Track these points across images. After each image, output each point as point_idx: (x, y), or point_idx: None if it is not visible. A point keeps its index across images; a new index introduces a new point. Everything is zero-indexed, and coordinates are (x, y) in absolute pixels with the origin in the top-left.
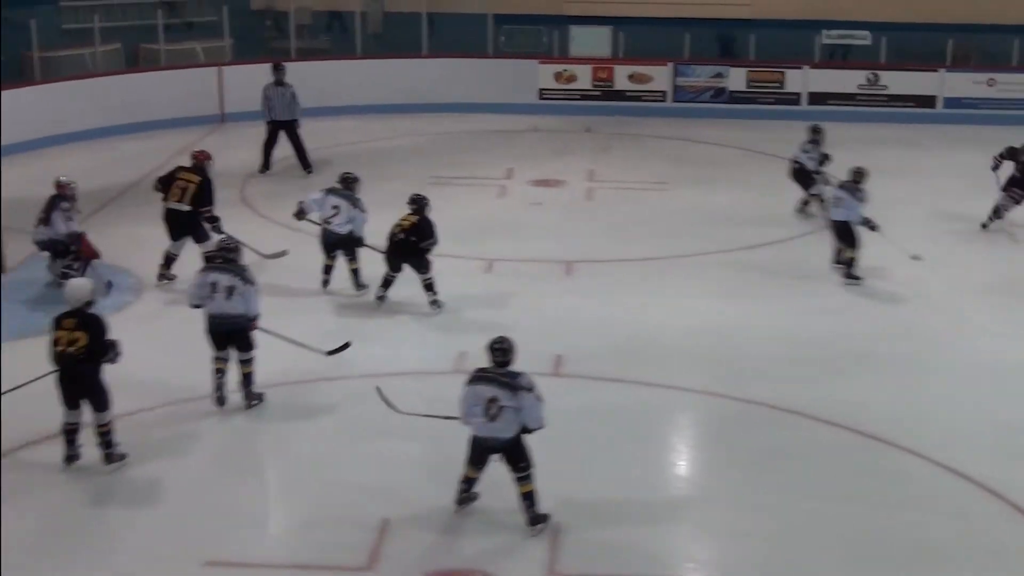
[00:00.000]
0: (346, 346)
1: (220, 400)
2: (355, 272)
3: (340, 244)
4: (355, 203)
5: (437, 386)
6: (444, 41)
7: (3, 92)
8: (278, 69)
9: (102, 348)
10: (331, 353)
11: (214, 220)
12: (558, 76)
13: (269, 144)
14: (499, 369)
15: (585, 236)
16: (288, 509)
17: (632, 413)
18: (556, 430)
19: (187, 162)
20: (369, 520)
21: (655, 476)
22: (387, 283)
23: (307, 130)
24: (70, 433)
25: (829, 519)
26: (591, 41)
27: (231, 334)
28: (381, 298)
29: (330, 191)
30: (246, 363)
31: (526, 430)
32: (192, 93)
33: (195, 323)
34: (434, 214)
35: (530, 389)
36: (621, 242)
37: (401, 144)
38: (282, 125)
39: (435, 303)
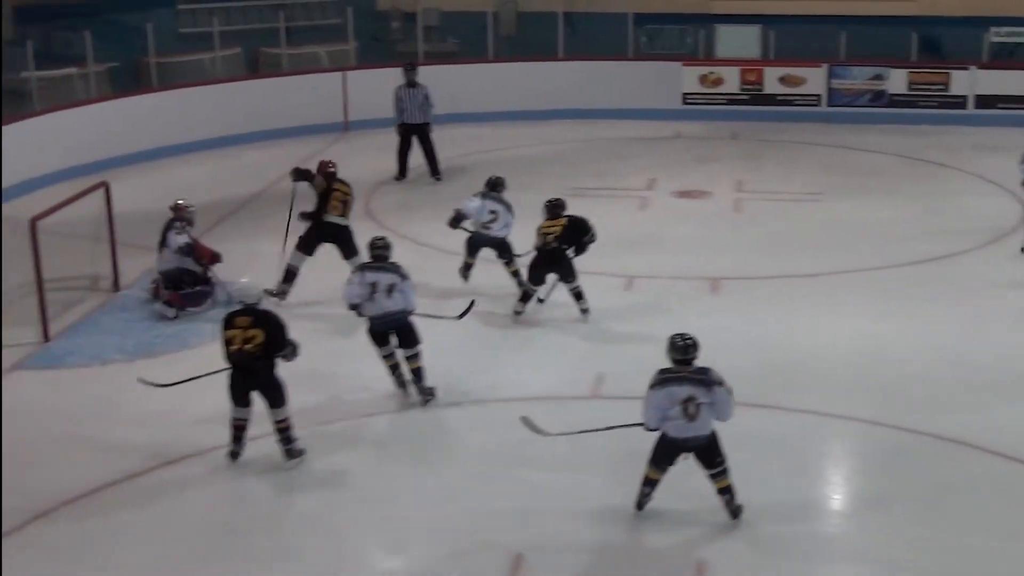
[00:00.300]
0: (472, 305)
1: (401, 384)
2: (516, 274)
3: (492, 246)
4: (509, 208)
5: (573, 412)
6: (581, 42)
7: (119, 100)
8: (410, 69)
9: (280, 344)
10: (461, 316)
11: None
12: (703, 79)
13: (403, 149)
14: (687, 367)
15: (732, 251)
16: (429, 537)
17: (783, 442)
18: None
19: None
20: (508, 549)
21: (807, 508)
22: (527, 297)
23: (435, 137)
24: (238, 429)
25: (996, 557)
26: (739, 41)
27: (397, 331)
28: (519, 312)
29: (485, 196)
30: (413, 358)
31: None
32: (315, 99)
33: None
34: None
35: (721, 383)
36: (771, 257)
37: (536, 153)
38: (414, 129)
39: (585, 311)
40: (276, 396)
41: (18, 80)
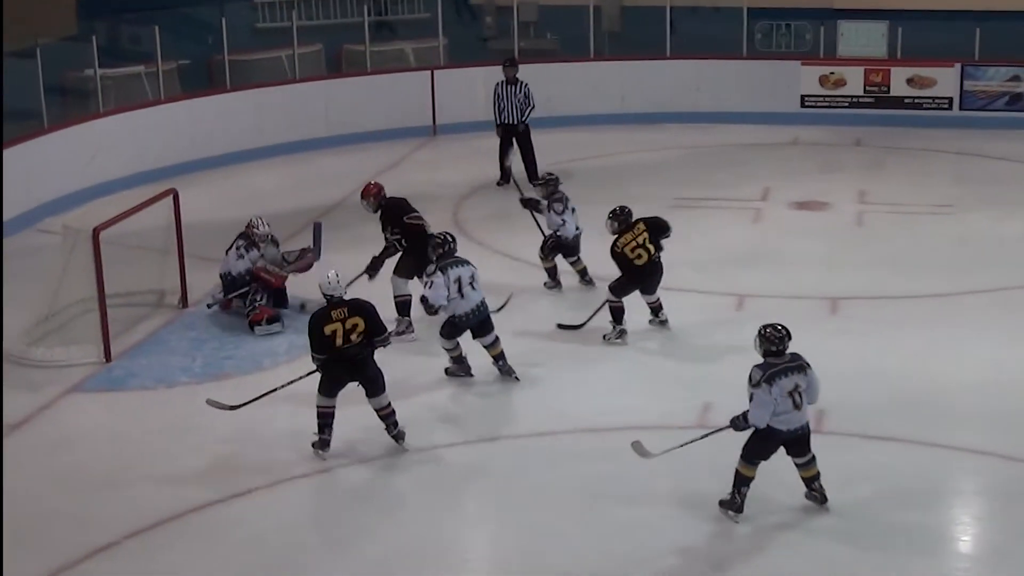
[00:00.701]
0: (509, 299)
1: (468, 372)
2: (584, 272)
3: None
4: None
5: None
6: (690, 40)
7: (189, 100)
8: (509, 65)
9: (379, 328)
10: (498, 310)
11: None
12: (824, 80)
13: (504, 151)
14: (784, 356)
15: (854, 268)
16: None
17: (911, 478)
18: None
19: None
20: None
21: (935, 550)
22: (620, 315)
23: (533, 140)
24: (329, 417)
25: None
26: (863, 38)
27: (485, 321)
28: (623, 333)
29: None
30: (495, 343)
31: None
32: (400, 101)
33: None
34: (678, 242)
35: (809, 365)
36: (897, 275)
37: (640, 159)
38: (514, 129)
39: (664, 322)
40: (379, 384)
41: (81, 78)
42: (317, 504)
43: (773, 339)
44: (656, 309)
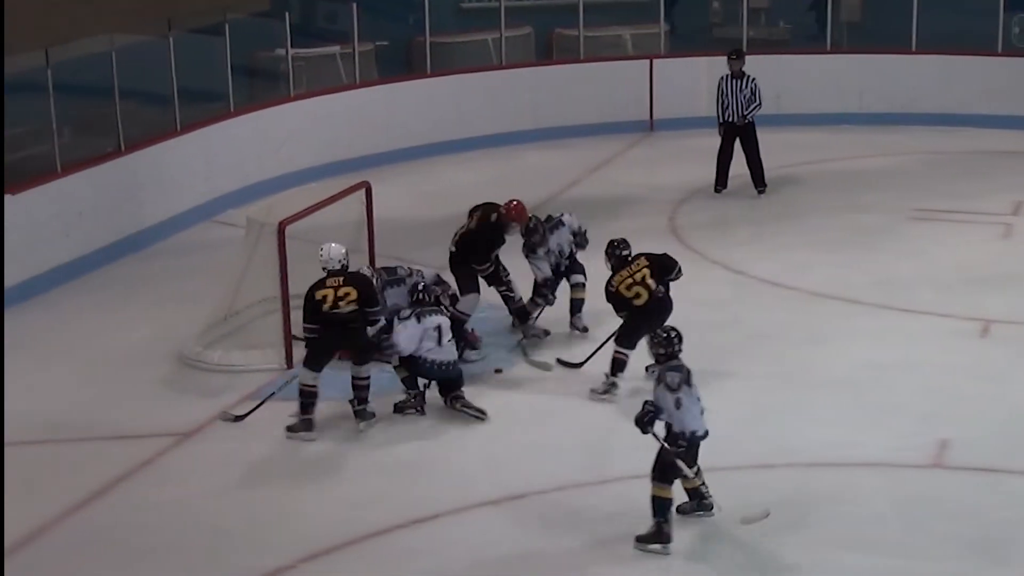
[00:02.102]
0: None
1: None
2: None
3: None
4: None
5: (908, 483)
6: (940, 33)
7: (385, 85)
8: (735, 57)
9: (372, 301)
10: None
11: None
12: None
13: (724, 154)
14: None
15: None
16: None
17: None
18: None
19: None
20: None
21: None
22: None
23: (759, 138)
24: (311, 396)
25: None
26: None
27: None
28: (613, 386)
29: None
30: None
31: None
32: (615, 92)
33: None
34: (916, 259)
35: None
36: None
37: (876, 165)
38: (739, 130)
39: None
40: (366, 355)
41: (271, 59)
42: (507, 533)
43: (666, 341)
44: None
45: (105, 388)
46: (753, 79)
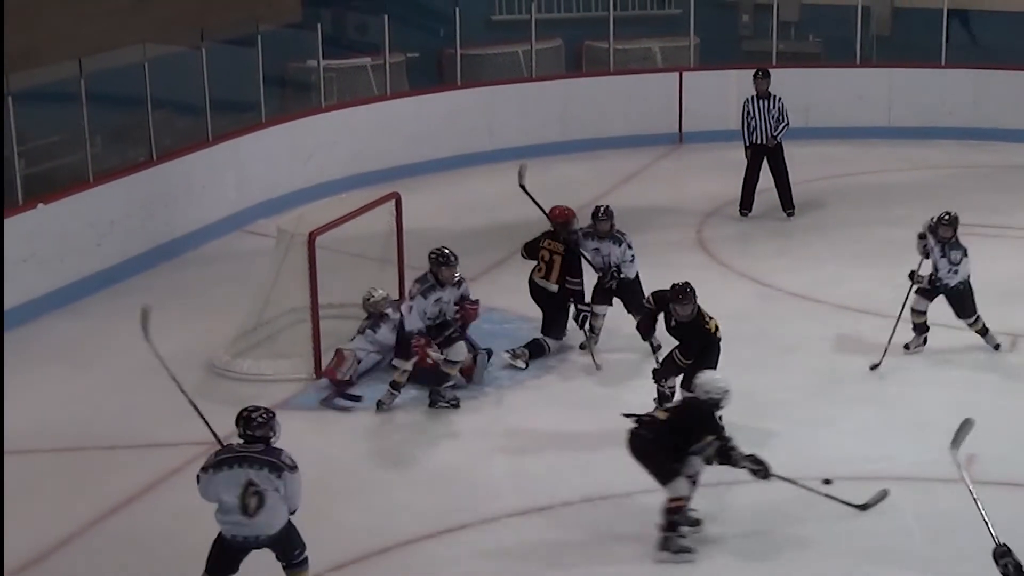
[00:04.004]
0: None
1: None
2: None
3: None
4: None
5: (937, 497)
6: (969, 47)
7: (415, 97)
8: (762, 77)
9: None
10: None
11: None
12: None
13: (751, 176)
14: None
15: None
16: None
17: None
18: None
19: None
20: None
21: None
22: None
23: (787, 156)
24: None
25: None
26: None
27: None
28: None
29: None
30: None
31: None
32: (645, 104)
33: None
34: None
35: None
36: None
37: (907, 179)
38: (767, 151)
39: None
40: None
41: (303, 69)
42: (534, 547)
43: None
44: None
45: (135, 397)
46: (780, 99)
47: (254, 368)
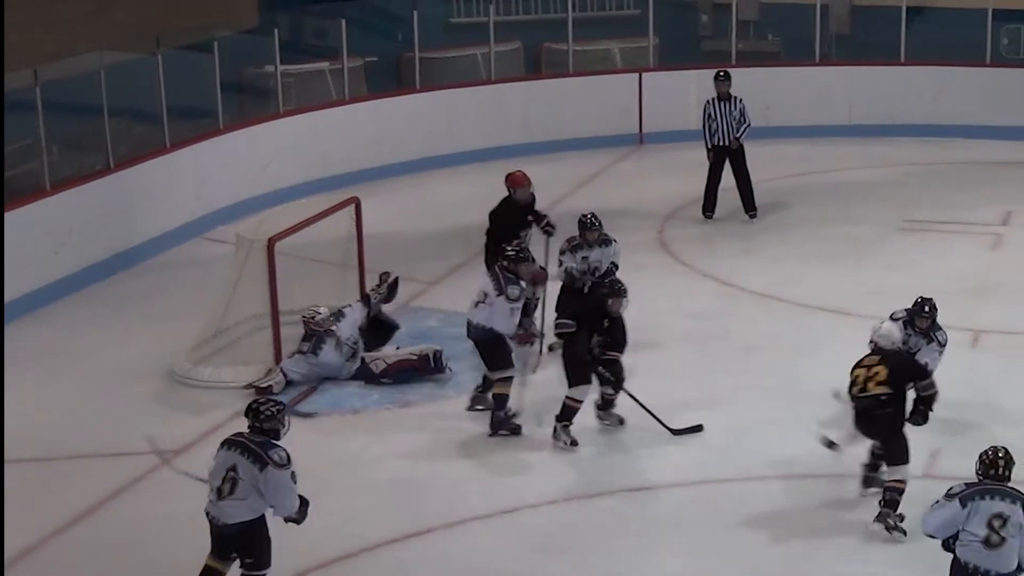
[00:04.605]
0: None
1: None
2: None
3: None
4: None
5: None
6: (928, 44)
7: (374, 101)
8: (723, 79)
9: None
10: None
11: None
12: None
13: (713, 178)
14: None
15: None
16: None
17: None
18: None
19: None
20: None
21: None
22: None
23: (748, 155)
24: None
25: None
26: None
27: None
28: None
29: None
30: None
31: None
32: (605, 106)
33: None
34: (905, 269)
35: None
36: None
37: (867, 176)
38: (728, 152)
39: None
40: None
41: (260, 75)
42: (499, 550)
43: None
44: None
45: (96, 405)
46: (740, 100)
47: (215, 375)
